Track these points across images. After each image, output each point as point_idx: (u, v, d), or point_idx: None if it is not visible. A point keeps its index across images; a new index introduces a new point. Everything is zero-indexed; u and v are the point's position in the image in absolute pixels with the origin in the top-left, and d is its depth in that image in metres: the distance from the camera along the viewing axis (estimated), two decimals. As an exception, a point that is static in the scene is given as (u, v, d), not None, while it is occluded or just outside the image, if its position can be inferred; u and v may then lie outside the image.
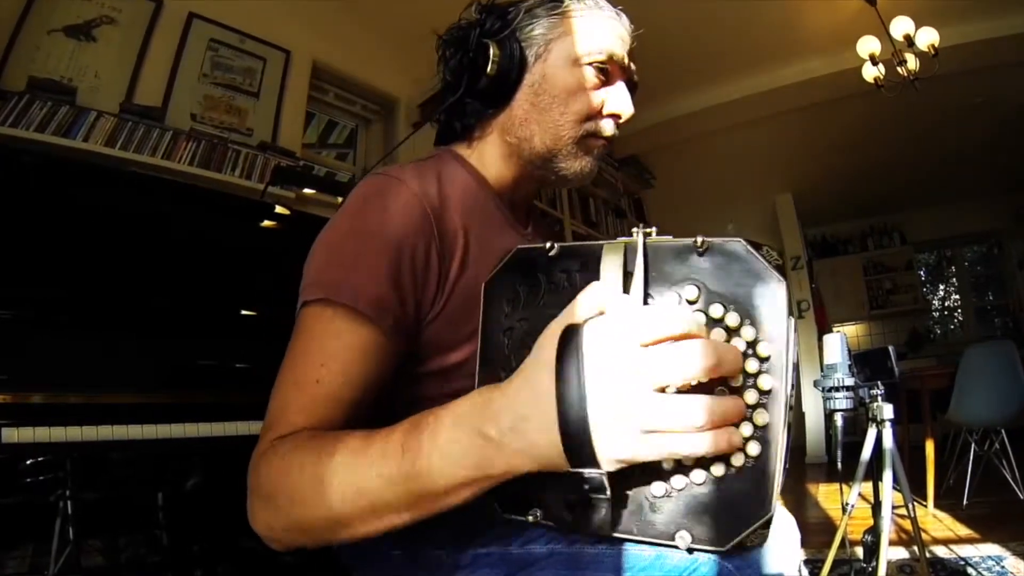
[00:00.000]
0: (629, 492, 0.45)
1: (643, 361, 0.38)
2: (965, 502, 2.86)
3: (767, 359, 0.43)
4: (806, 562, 2.15)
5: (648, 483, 0.45)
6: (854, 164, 4.96)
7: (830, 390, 1.56)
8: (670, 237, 0.48)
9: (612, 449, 0.39)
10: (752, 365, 0.43)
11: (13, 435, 1.16)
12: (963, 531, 2.48)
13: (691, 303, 0.45)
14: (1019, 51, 3.31)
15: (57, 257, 1.44)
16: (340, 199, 2.56)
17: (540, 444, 0.41)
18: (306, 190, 2.42)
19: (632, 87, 0.76)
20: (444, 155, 0.76)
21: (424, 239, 0.63)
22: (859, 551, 1.94)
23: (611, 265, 0.48)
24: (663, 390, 0.39)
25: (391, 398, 0.64)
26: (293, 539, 0.52)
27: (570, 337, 0.40)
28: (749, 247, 0.45)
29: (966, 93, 3.91)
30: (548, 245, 0.52)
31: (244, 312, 1.68)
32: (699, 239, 0.46)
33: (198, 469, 1.71)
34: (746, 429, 0.42)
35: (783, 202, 5.47)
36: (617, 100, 0.73)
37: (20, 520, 1.49)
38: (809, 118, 4.16)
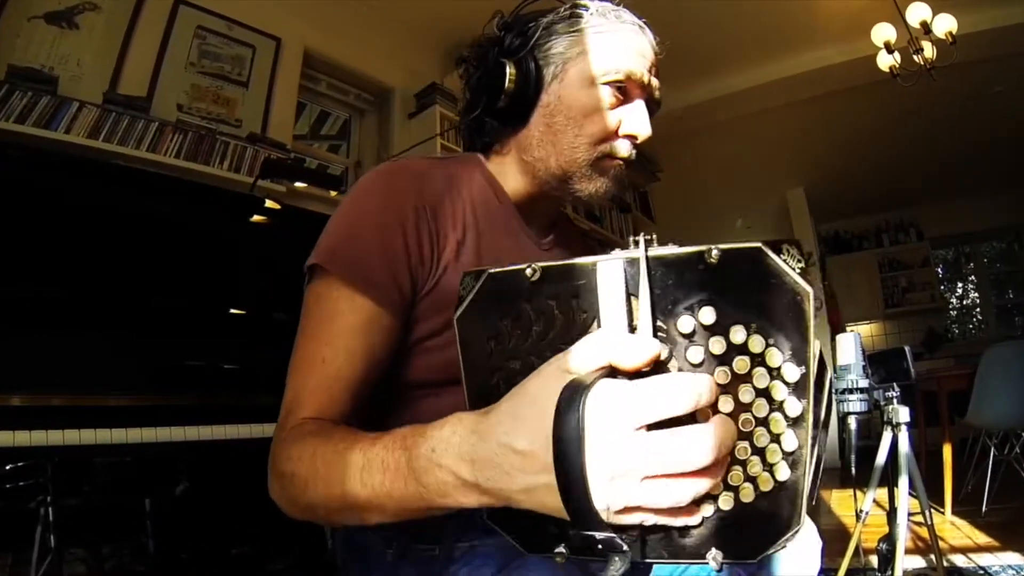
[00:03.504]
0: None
1: (644, 448, 0.36)
2: (984, 509, 2.84)
3: (795, 383, 0.40)
4: (820, 571, 2.11)
5: None
6: (868, 157, 4.91)
7: (844, 392, 1.55)
8: (673, 246, 0.42)
9: (614, 515, 0.38)
10: (779, 392, 0.40)
11: (-8, 439, 1.16)
12: (982, 539, 2.46)
13: (707, 328, 0.41)
14: (1040, 39, 3.26)
15: (39, 254, 1.43)
16: (333, 193, 2.55)
17: (541, 504, 0.39)
18: (297, 184, 2.40)
19: (653, 105, 0.76)
20: (469, 157, 0.81)
21: (417, 216, 0.68)
22: (874, 560, 1.95)
23: (610, 289, 0.42)
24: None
25: (394, 372, 0.69)
26: (301, 515, 0.57)
27: (571, 403, 0.35)
28: (769, 252, 0.40)
29: (985, 82, 3.87)
30: (528, 269, 0.45)
31: (233, 311, 1.68)
32: (711, 248, 0.40)
33: (186, 474, 1.70)
34: (774, 456, 0.41)
35: (795, 196, 5.46)
36: (633, 121, 0.73)
37: (-1, 527, 1.46)
38: (822, 109, 4.14)
